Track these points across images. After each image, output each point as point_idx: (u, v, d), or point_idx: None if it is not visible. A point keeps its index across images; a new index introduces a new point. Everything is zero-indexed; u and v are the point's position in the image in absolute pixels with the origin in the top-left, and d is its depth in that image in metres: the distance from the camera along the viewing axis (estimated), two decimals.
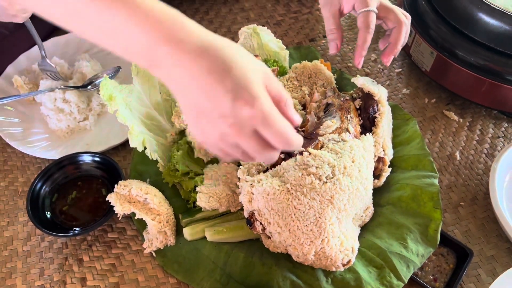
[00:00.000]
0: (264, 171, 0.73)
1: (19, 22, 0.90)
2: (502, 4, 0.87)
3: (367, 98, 0.80)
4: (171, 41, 0.47)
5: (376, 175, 0.79)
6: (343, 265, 0.69)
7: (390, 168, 0.81)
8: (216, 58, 0.48)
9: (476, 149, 0.94)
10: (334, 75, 0.92)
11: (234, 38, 1.08)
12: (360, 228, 0.76)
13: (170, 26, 0.48)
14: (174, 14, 0.49)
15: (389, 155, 0.80)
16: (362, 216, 0.76)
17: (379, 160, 0.78)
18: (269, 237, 0.71)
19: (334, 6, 0.82)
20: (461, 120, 0.98)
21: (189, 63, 0.48)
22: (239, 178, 0.74)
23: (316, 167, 0.67)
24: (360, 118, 0.81)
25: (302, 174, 0.67)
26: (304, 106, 0.87)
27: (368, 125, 0.80)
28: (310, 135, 0.75)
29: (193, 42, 0.48)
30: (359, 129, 0.78)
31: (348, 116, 0.77)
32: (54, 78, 0.98)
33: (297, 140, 0.53)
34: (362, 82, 0.81)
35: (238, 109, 0.48)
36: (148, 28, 0.47)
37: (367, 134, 0.76)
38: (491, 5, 0.86)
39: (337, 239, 0.68)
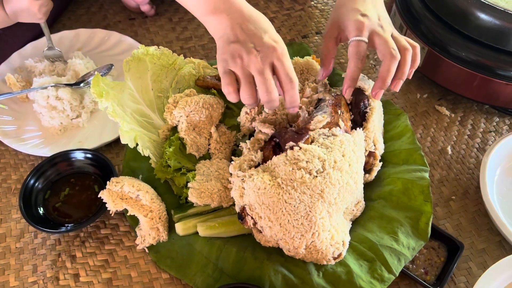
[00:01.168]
0: (256, 167, 0.74)
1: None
2: None
3: (358, 94, 0.81)
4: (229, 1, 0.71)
5: (367, 169, 0.80)
6: (334, 258, 0.70)
7: (381, 163, 0.81)
8: (258, 17, 0.71)
9: (468, 143, 0.94)
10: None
11: None
12: (351, 222, 0.77)
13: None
14: None
15: (380, 150, 0.81)
16: (353, 210, 0.76)
17: (370, 154, 0.79)
18: (260, 232, 0.72)
19: (332, 33, 0.81)
20: (452, 115, 0.99)
21: (239, 15, 0.70)
22: (231, 174, 0.75)
23: (307, 162, 0.68)
24: (351, 113, 0.81)
25: (292, 169, 0.68)
26: None
27: (359, 120, 0.80)
28: (300, 130, 0.75)
29: (246, 6, 0.72)
30: (349, 124, 0.78)
31: (339, 111, 0.77)
32: (56, 60, 1.04)
33: (296, 79, 0.69)
34: (361, 83, 0.81)
35: (267, 43, 0.68)
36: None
37: (358, 129, 0.77)
38: (482, 0, 0.86)
39: (328, 232, 0.69)
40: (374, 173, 0.80)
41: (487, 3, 0.86)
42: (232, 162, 0.75)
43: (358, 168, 0.73)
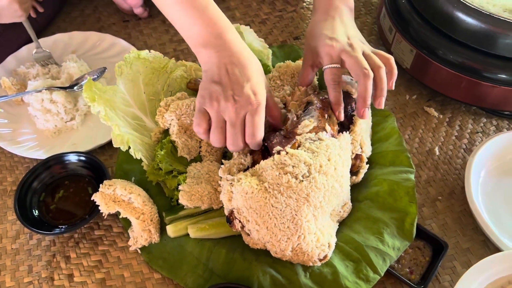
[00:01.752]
0: (245, 170, 0.75)
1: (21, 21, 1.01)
2: (479, 2, 0.89)
3: (345, 97, 0.82)
4: (221, 37, 0.72)
5: (354, 171, 0.81)
6: (320, 260, 0.72)
7: (368, 165, 0.83)
8: (245, 59, 0.73)
9: (455, 144, 0.96)
10: (316, 74, 0.94)
11: None
12: (338, 224, 0.79)
13: (217, 29, 0.73)
14: (223, 21, 0.74)
15: (366, 152, 0.82)
16: (340, 212, 0.78)
17: (357, 157, 0.80)
18: (248, 234, 0.73)
19: (308, 61, 0.83)
20: (441, 116, 1.00)
21: (228, 54, 0.72)
22: (220, 177, 0.76)
23: (293, 166, 0.69)
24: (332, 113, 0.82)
25: (279, 173, 0.69)
26: (285, 105, 0.88)
27: (346, 123, 0.82)
28: (288, 134, 0.76)
29: (237, 46, 0.73)
30: (336, 127, 0.80)
31: (326, 115, 0.79)
32: (48, 63, 1.06)
33: (260, 137, 0.73)
34: (346, 86, 0.83)
35: (246, 95, 0.70)
36: (204, 26, 0.72)
37: (345, 132, 0.78)
38: (467, 4, 0.88)
39: (314, 235, 0.70)
40: (361, 175, 0.82)
41: (473, 7, 0.87)
42: (222, 165, 0.76)
43: (344, 171, 0.75)
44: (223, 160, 0.77)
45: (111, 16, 1.20)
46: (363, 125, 0.82)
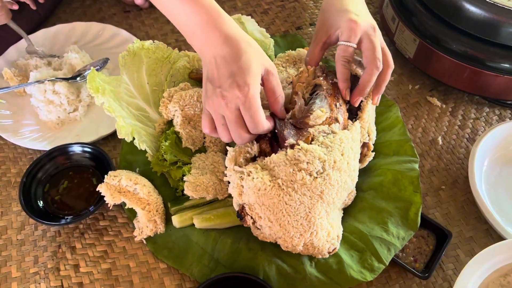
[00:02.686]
0: (252, 159, 0.74)
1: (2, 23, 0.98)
2: None
3: (354, 81, 0.79)
4: (208, 26, 0.67)
5: (360, 159, 0.81)
6: (329, 253, 0.72)
7: (374, 153, 0.82)
8: (233, 47, 0.66)
9: (458, 134, 0.96)
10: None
11: None
12: (342, 211, 0.79)
13: (212, 16, 0.67)
14: (217, 9, 0.69)
15: (373, 140, 0.82)
16: (345, 200, 0.78)
17: (364, 145, 0.80)
18: (258, 229, 0.73)
19: (320, 38, 0.79)
20: (444, 105, 1.00)
21: (214, 45, 0.67)
22: (226, 167, 0.76)
23: (307, 163, 0.67)
24: (347, 102, 0.80)
25: (293, 170, 0.67)
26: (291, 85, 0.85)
27: (354, 109, 0.80)
28: (299, 124, 0.73)
29: (223, 31, 0.67)
30: (346, 116, 0.78)
31: (337, 104, 0.76)
32: (42, 55, 1.05)
33: (264, 127, 0.69)
34: (353, 68, 0.80)
35: (231, 89, 0.66)
36: (198, 12, 0.68)
37: (356, 123, 0.76)
38: None
39: (325, 231, 0.70)
40: (365, 162, 0.82)
41: None
42: (227, 154, 0.75)
43: (355, 165, 0.74)
44: (227, 147, 0.76)
45: (112, 6, 1.19)
46: (371, 111, 0.81)
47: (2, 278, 0.79)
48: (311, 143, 0.70)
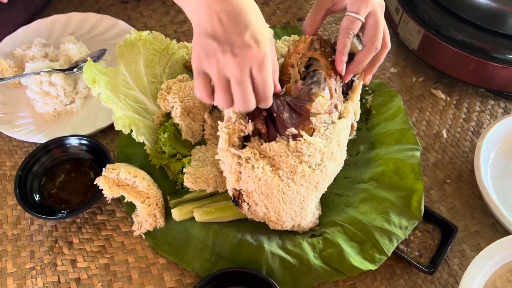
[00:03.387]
0: (245, 138, 0.71)
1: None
2: None
3: (350, 59, 0.76)
4: None
5: None
6: (310, 229, 0.77)
7: (355, 131, 0.81)
8: (237, 4, 0.58)
9: (463, 127, 0.95)
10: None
11: None
12: None
13: None
14: None
15: (357, 118, 0.80)
16: None
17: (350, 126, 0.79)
18: (249, 210, 0.73)
19: (325, 3, 0.75)
20: (448, 98, 0.99)
21: (215, 2, 0.58)
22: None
23: (309, 156, 0.68)
24: (341, 81, 0.77)
25: (294, 162, 0.67)
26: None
27: (344, 88, 0.78)
28: (298, 108, 0.71)
29: None
30: (342, 99, 0.76)
31: (337, 89, 0.74)
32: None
33: (271, 94, 0.64)
34: (354, 44, 0.77)
35: (246, 47, 0.58)
36: None
37: (345, 102, 0.76)
38: None
39: (311, 214, 0.73)
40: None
41: None
42: (220, 133, 0.70)
43: (345, 151, 0.75)
44: (219, 122, 0.71)
45: None
46: (359, 91, 0.79)
47: None
48: (312, 135, 0.69)
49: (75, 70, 0.96)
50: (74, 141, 0.85)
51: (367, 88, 0.93)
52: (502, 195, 0.83)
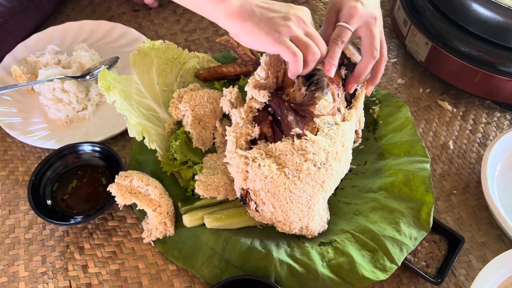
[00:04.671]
0: (252, 142, 0.75)
1: None
2: None
3: (353, 68, 0.80)
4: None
5: None
6: (319, 233, 0.78)
7: (361, 138, 0.85)
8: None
9: (469, 138, 0.96)
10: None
11: None
12: None
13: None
14: None
15: (362, 126, 0.83)
16: None
17: (354, 132, 0.81)
18: (257, 211, 0.74)
19: (331, 19, 0.79)
20: (454, 110, 1.00)
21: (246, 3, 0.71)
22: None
23: (313, 154, 0.70)
24: (344, 89, 0.80)
25: (299, 160, 0.70)
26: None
27: (347, 97, 0.81)
28: (302, 110, 0.74)
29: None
30: (345, 105, 0.79)
31: (339, 94, 0.78)
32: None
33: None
34: (351, 52, 0.81)
35: (294, 11, 0.72)
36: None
37: (349, 109, 0.78)
38: None
39: (319, 215, 0.75)
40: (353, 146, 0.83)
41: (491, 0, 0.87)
42: (227, 137, 0.74)
43: (350, 154, 0.77)
44: (226, 127, 0.76)
45: (121, 5, 1.19)
46: (362, 100, 0.82)
47: (10, 277, 0.78)
48: (316, 134, 0.72)
49: (87, 77, 0.97)
50: (87, 148, 0.87)
51: (374, 99, 0.94)
52: (508, 207, 0.84)
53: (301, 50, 0.70)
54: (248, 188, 0.73)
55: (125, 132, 0.90)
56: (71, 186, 0.85)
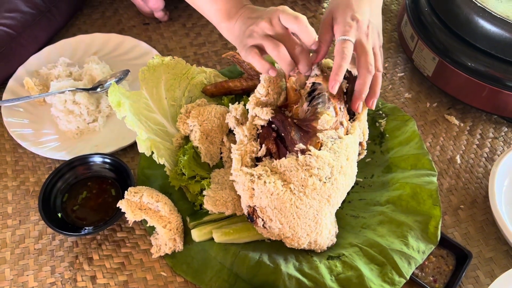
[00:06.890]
0: (257, 159, 0.76)
1: None
2: (503, 11, 0.88)
3: (354, 82, 0.79)
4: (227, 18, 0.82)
5: None
6: (328, 247, 0.78)
7: (366, 150, 0.84)
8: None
9: (476, 153, 0.96)
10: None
11: None
12: None
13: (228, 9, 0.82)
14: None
15: (366, 138, 0.83)
16: None
17: (359, 144, 0.81)
18: (265, 228, 0.75)
19: (328, 21, 0.79)
20: (461, 124, 1.00)
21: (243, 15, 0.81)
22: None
23: (318, 169, 0.71)
24: (346, 102, 0.81)
25: (304, 176, 0.70)
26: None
27: (350, 109, 0.81)
28: (305, 126, 0.75)
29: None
30: (348, 118, 0.80)
31: (341, 107, 0.78)
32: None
33: (303, 18, 0.75)
34: (352, 65, 0.81)
35: (270, 9, 0.77)
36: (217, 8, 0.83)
37: (352, 122, 0.79)
38: (492, 12, 0.88)
39: (327, 229, 0.75)
40: (358, 159, 0.83)
41: (497, 15, 0.87)
42: (233, 155, 0.75)
43: (356, 167, 0.78)
44: (232, 145, 0.77)
45: (132, 18, 1.21)
46: (366, 112, 0.82)
47: (20, 287, 0.79)
48: (320, 149, 0.72)
49: (98, 89, 0.99)
50: (97, 159, 0.88)
51: (381, 112, 0.95)
52: None
53: (273, 52, 0.74)
54: (255, 205, 0.74)
55: (134, 144, 0.92)
56: (81, 197, 0.86)
